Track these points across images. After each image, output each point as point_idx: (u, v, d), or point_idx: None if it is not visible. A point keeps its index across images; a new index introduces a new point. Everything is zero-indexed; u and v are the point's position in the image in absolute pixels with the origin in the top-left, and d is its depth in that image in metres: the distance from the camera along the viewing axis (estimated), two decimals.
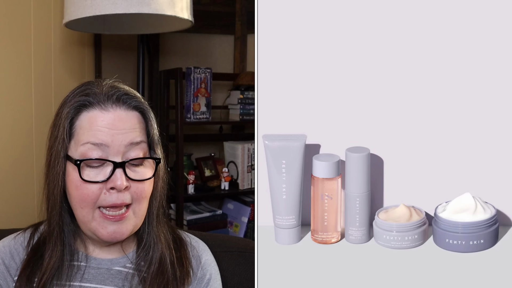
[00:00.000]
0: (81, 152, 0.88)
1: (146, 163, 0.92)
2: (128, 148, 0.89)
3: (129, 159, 0.89)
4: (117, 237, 0.90)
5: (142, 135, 0.92)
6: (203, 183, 2.64)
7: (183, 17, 1.71)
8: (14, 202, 1.90)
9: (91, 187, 0.87)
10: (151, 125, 0.94)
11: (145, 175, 0.91)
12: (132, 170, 0.90)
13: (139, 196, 0.90)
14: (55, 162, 0.90)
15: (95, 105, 0.89)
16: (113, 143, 0.88)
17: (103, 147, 0.88)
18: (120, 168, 0.88)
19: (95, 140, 0.88)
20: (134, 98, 0.92)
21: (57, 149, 0.90)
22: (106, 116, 0.89)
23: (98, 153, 0.88)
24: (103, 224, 0.89)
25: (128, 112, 0.91)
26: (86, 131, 0.88)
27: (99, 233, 0.89)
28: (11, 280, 0.92)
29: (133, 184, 0.90)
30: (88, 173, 0.88)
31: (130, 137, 0.89)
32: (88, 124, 0.89)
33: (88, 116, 0.89)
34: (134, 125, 0.91)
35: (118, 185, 0.87)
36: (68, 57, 2.21)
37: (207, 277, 0.99)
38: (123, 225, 0.90)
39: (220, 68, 2.81)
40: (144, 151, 0.92)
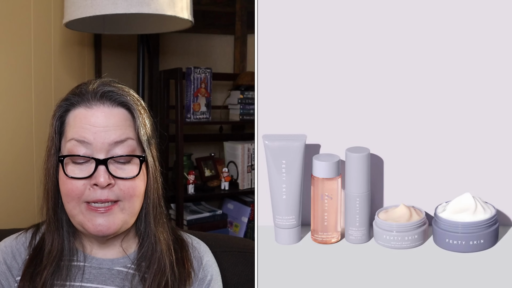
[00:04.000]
0: (68, 149, 0.90)
1: (134, 160, 0.92)
2: (113, 145, 0.90)
3: (113, 156, 0.90)
4: (103, 230, 0.90)
5: (130, 132, 0.92)
6: (203, 183, 2.64)
7: (183, 17, 1.71)
8: (14, 202, 1.90)
9: (76, 183, 0.89)
10: (140, 122, 0.92)
11: (130, 173, 0.91)
12: (118, 167, 0.90)
13: (126, 193, 0.90)
14: (48, 159, 0.92)
15: (81, 103, 0.91)
16: (95, 140, 0.89)
17: (86, 144, 0.89)
18: (102, 165, 0.88)
19: (78, 137, 0.89)
20: (121, 95, 0.92)
21: (49, 147, 0.93)
22: (89, 113, 0.90)
23: (83, 150, 0.89)
24: (89, 216, 0.89)
25: (113, 109, 0.91)
26: (71, 128, 0.91)
27: (86, 226, 0.90)
28: (13, 280, 0.92)
29: (119, 182, 0.90)
30: (72, 169, 0.89)
31: (114, 135, 0.90)
32: (73, 121, 0.91)
33: (74, 114, 0.91)
34: (118, 121, 0.91)
35: (101, 182, 0.88)
36: (68, 57, 2.21)
37: (208, 278, 0.99)
38: (110, 218, 0.90)
39: (220, 68, 2.81)
40: (131, 148, 0.91)
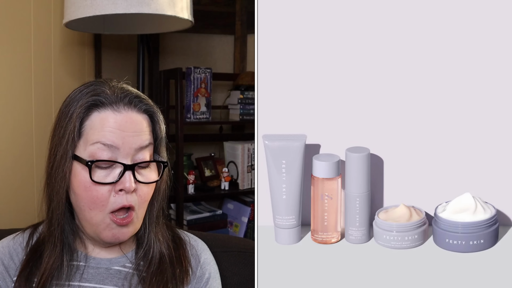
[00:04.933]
0: (90, 152, 0.87)
1: (151, 165, 0.93)
2: (137, 151, 0.89)
3: (138, 161, 0.89)
4: (120, 238, 0.90)
5: (151, 137, 0.92)
6: (203, 183, 2.64)
7: (183, 17, 1.71)
8: (14, 202, 1.90)
9: (101, 189, 0.87)
10: (159, 128, 0.94)
11: (151, 177, 0.92)
12: (139, 172, 0.90)
13: (142, 199, 0.91)
14: (61, 162, 0.88)
15: (107, 106, 0.89)
16: (123, 145, 0.88)
17: (112, 149, 0.87)
18: (129, 171, 0.88)
19: (105, 140, 0.87)
20: (145, 101, 0.93)
21: (64, 148, 0.88)
22: (118, 117, 0.88)
23: (108, 154, 0.87)
24: (110, 226, 0.89)
25: (139, 115, 0.91)
26: (97, 131, 0.88)
27: (104, 235, 0.90)
28: (10, 281, 0.92)
29: (139, 187, 0.90)
30: (97, 174, 0.87)
31: (140, 140, 0.90)
32: (100, 124, 0.88)
33: (99, 117, 0.88)
34: (143, 128, 0.91)
35: (127, 187, 0.87)
36: (68, 57, 2.21)
37: (206, 276, 0.99)
38: (129, 228, 0.91)
39: (220, 68, 2.81)
40: (150, 153, 0.92)
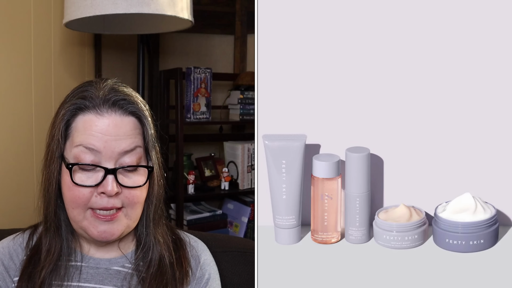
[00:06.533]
0: (74, 154, 0.88)
1: (140, 169, 0.92)
2: (122, 154, 0.89)
3: (122, 166, 0.89)
4: (107, 236, 0.90)
5: (138, 140, 0.91)
6: (203, 183, 2.64)
7: (183, 17, 1.71)
8: (14, 202, 1.90)
9: (82, 190, 0.88)
10: (146, 130, 0.93)
11: (137, 181, 0.91)
12: (125, 176, 0.90)
13: (130, 201, 0.90)
14: (50, 161, 0.91)
15: (91, 109, 0.89)
16: (105, 149, 0.88)
17: (95, 152, 0.88)
18: (111, 175, 0.88)
19: (87, 144, 0.88)
20: (131, 103, 0.91)
21: (52, 148, 0.90)
22: (101, 121, 0.88)
23: (91, 157, 0.88)
24: (94, 223, 0.89)
25: (124, 117, 0.90)
26: (81, 134, 0.89)
27: (90, 232, 0.90)
28: (10, 281, 0.92)
29: (125, 190, 0.90)
30: (80, 176, 0.88)
31: (124, 144, 0.89)
32: (83, 127, 0.89)
33: (83, 120, 0.89)
34: (129, 131, 0.90)
35: (109, 191, 0.87)
36: (68, 57, 2.21)
37: (206, 277, 0.99)
38: (114, 225, 0.90)
39: (220, 68, 2.81)
40: (139, 156, 0.91)
